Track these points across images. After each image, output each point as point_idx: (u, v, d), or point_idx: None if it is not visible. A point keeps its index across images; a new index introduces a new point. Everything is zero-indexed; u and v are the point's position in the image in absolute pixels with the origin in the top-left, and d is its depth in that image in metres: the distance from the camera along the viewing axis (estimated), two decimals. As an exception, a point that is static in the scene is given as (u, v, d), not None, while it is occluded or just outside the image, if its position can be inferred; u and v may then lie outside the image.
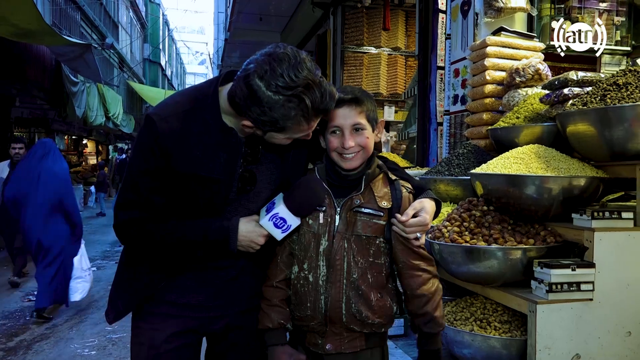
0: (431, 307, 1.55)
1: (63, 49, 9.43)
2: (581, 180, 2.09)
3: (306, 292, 1.56)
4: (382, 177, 1.62)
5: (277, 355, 1.59)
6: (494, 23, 3.15)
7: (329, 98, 1.41)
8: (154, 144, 1.43)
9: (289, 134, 1.43)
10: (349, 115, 1.54)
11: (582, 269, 1.93)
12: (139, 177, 1.47)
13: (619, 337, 1.98)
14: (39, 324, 4.83)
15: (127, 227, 1.50)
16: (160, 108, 1.53)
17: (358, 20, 7.82)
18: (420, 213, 1.53)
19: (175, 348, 1.60)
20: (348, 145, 1.53)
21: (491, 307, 2.16)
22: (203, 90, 1.55)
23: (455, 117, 3.48)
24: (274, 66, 1.35)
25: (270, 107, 1.35)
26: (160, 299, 1.60)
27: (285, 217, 1.49)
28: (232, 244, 1.49)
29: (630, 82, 2.04)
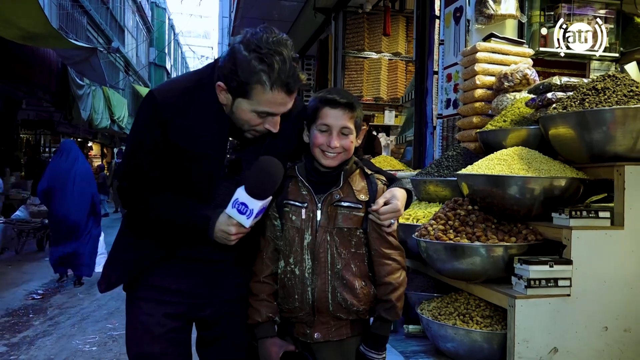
0: (395, 296, 1.67)
1: (69, 52, 9.59)
2: (561, 181, 2.17)
3: (293, 285, 1.66)
4: (359, 172, 1.72)
5: (267, 347, 1.68)
6: (485, 29, 3.24)
7: (295, 78, 1.52)
8: (153, 115, 1.54)
9: (254, 104, 1.51)
10: (341, 117, 1.64)
11: (559, 265, 2.01)
12: (137, 148, 1.58)
13: (596, 332, 2.05)
14: (41, 322, 4.94)
15: (127, 193, 1.62)
16: (161, 85, 1.68)
17: (359, 26, 7.93)
18: (391, 200, 1.65)
19: (167, 331, 1.69)
20: (334, 145, 1.63)
21: (474, 303, 2.24)
22: (202, 72, 1.69)
23: (447, 120, 3.56)
24: (257, 32, 1.52)
25: (242, 64, 1.48)
26: (152, 285, 1.69)
27: (245, 201, 1.52)
28: (209, 233, 1.58)
29: (609, 87, 2.12)
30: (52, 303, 5.64)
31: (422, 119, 4.74)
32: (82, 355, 4.04)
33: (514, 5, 3.26)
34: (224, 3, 18.32)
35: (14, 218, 8.66)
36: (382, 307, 1.71)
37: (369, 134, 7.26)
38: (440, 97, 3.71)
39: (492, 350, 2.10)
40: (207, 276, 1.71)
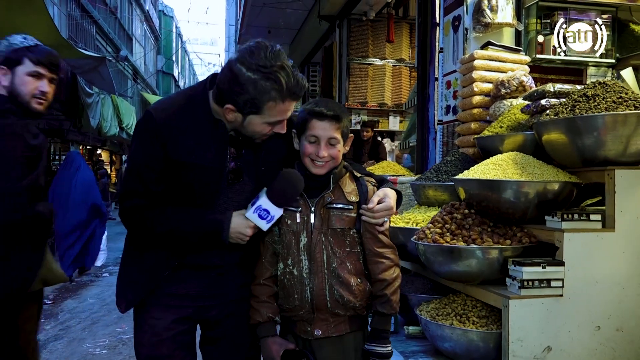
0: (389, 291, 1.76)
1: (78, 61, 9.76)
2: (554, 185, 2.24)
3: (293, 285, 1.74)
4: (349, 176, 1.82)
5: (268, 345, 1.77)
6: (482, 37, 3.33)
7: (300, 85, 1.61)
8: (152, 134, 1.62)
9: (266, 117, 1.60)
10: (328, 129, 1.72)
11: (552, 266, 2.07)
12: (139, 167, 1.65)
13: (589, 331, 2.11)
14: (52, 326, 5.05)
15: (131, 213, 1.68)
16: (158, 104, 1.74)
17: (363, 33, 8.04)
18: (384, 199, 1.75)
19: (175, 334, 1.78)
20: (322, 155, 1.72)
21: (471, 304, 2.31)
22: (195, 89, 1.77)
23: (447, 126, 3.64)
24: (253, 51, 1.57)
25: (249, 85, 1.55)
26: (161, 292, 1.78)
27: (268, 208, 1.67)
28: (224, 235, 1.67)
29: (599, 94, 2.19)
30: (63, 308, 5.75)
31: (424, 124, 4.81)
32: (93, 358, 4.14)
33: (510, 14, 3.35)
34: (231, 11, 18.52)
35: (25, 225, 8.80)
36: (378, 302, 1.81)
37: (373, 140, 7.34)
38: (440, 104, 3.79)
39: (488, 350, 2.17)
40: (212, 280, 1.80)
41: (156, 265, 1.75)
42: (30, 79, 2.14)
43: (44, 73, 2.17)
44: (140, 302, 1.79)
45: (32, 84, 2.14)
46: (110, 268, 8.20)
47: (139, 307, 1.81)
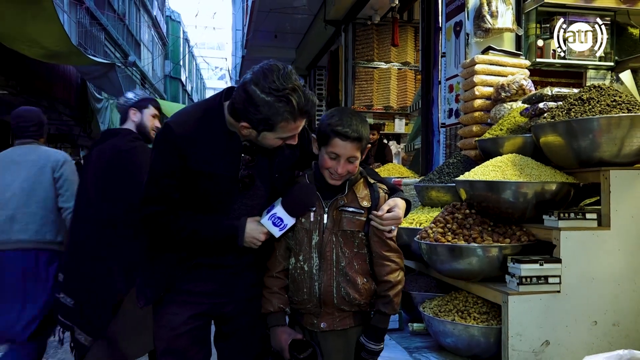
0: (392, 293, 1.86)
1: (88, 68, 9.93)
2: (552, 185, 2.32)
3: (303, 280, 1.85)
4: (363, 181, 1.91)
5: (278, 334, 1.87)
6: (483, 42, 3.41)
7: (310, 103, 1.70)
8: (171, 145, 1.72)
9: (279, 134, 1.70)
10: (350, 149, 1.79)
11: (549, 264, 2.16)
12: (160, 176, 1.75)
13: (586, 326, 2.19)
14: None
15: (151, 219, 1.79)
16: (176, 116, 1.84)
17: (368, 37, 8.13)
18: (394, 209, 1.83)
19: (191, 329, 1.88)
20: (340, 172, 1.81)
21: (472, 300, 2.39)
22: (210, 102, 1.86)
23: (450, 129, 3.73)
24: (266, 74, 1.65)
25: (263, 107, 1.64)
26: (179, 289, 1.88)
27: (282, 217, 1.78)
28: (239, 240, 1.78)
29: (593, 97, 2.28)
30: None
31: (428, 127, 4.91)
32: None
33: (510, 19, 3.43)
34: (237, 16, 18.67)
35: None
36: (381, 302, 1.89)
37: (379, 142, 7.43)
38: (443, 107, 3.88)
39: (488, 344, 2.25)
40: (226, 278, 1.90)
41: (174, 266, 1.85)
42: (152, 118, 2.99)
43: (158, 114, 3.05)
44: (158, 299, 1.89)
45: (152, 122, 2.99)
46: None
47: (157, 304, 1.90)
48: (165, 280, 1.86)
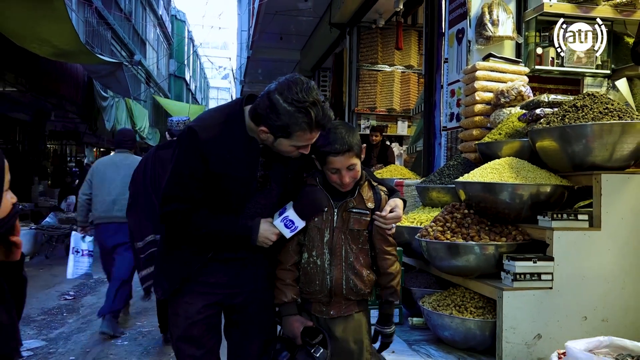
0: (395, 283, 2.06)
1: (96, 66, 10.06)
2: (546, 188, 2.45)
3: (315, 273, 2.01)
4: (367, 184, 2.06)
5: (291, 322, 2.01)
6: (485, 49, 3.53)
7: (327, 118, 1.85)
8: (195, 149, 1.86)
9: (294, 142, 1.84)
10: (345, 160, 1.94)
11: (542, 261, 2.28)
12: (184, 177, 1.88)
13: (576, 321, 2.32)
14: (75, 320, 5.30)
15: (172, 216, 1.91)
16: (200, 121, 1.97)
17: (373, 40, 8.25)
18: (395, 209, 2.00)
19: (205, 317, 2.01)
20: (345, 182, 1.97)
21: (469, 295, 2.52)
22: (231, 108, 2.00)
23: (451, 132, 3.85)
24: (290, 86, 1.80)
25: (284, 115, 1.78)
26: (194, 280, 2.01)
27: (294, 219, 1.93)
28: (253, 239, 1.92)
29: (587, 105, 2.40)
30: (84, 303, 5.99)
31: (430, 130, 5.02)
32: (115, 348, 4.37)
33: (510, 27, 3.56)
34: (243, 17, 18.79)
35: (44, 224, 9.08)
36: (387, 292, 2.09)
37: (382, 144, 7.55)
38: (444, 111, 4.00)
39: (484, 337, 2.38)
40: (238, 270, 2.03)
41: (190, 259, 1.98)
42: None
43: None
44: (175, 290, 2.02)
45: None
46: (126, 267, 8.47)
47: (174, 294, 2.03)
48: (181, 272, 1.98)
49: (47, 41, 7.17)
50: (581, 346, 1.55)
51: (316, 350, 1.93)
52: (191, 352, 1.99)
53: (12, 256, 1.39)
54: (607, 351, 1.63)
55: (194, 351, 1.99)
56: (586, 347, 1.57)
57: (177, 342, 2.02)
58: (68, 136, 15.80)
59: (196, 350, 1.99)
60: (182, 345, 2.00)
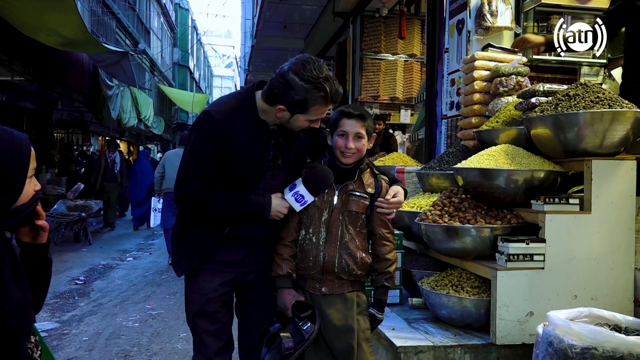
0: (392, 268, 2.19)
1: (102, 55, 10.17)
2: (540, 173, 2.56)
3: (310, 250, 2.14)
4: (369, 171, 2.20)
5: (284, 295, 2.16)
6: (484, 40, 3.63)
7: (338, 93, 2.03)
8: (213, 132, 2.00)
9: (310, 116, 2.01)
10: (355, 125, 2.12)
11: (534, 243, 2.40)
12: (200, 157, 2.02)
13: (567, 300, 2.44)
14: (86, 303, 5.47)
15: (189, 196, 2.05)
16: (215, 105, 2.13)
17: (376, 29, 8.31)
18: (397, 195, 2.14)
19: (220, 295, 2.16)
20: (349, 147, 2.11)
21: (465, 276, 2.64)
22: (244, 93, 2.16)
23: (451, 121, 3.96)
24: (304, 65, 1.97)
25: (301, 92, 1.95)
26: (210, 260, 2.15)
27: (304, 194, 2.08)
28: (266, 213, 2.07)
29: (579, 94, 2.51)
30: (94, 287, 6.17)
31: (432, 118, 5.12)
32: (127, 329, 4.54)
33: (509, 18, 3.65)
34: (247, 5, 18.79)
35: (53, 212, 9.26)
36: (383, 277, 2.20)
37: (385, 132, 7.64)
38: (445, 100, 4.10)
39: (479, 315, 2.51)
40: (250, 249, 2.18)
41: (206, 238, 2.12)
42: None
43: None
44: (192, 269, 2.16)
45: None
46: (134, 253, 8.64)
47: (190, 273, 2.17)
48: (198, 251, 2.12)
49: (54, 31, 7.28)
50: (562, 315, 1.68)
51: (304, 324, 2.06)
52: (207, 327, 2.14)
53: (39, 238, 1.47)
54: (587, 320, 1.76)
55: (210, 326, 2.14)
56: (567, 317, 1.70)
57: (194, 318, 2.16)
58: (74, 125, 15.95)
59: (211, 326, 2.14)
60: (198, 321, 2.15)
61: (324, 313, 2.13)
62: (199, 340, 2.15)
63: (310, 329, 2.05)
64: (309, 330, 2.05)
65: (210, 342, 2.13)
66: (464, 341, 2.42)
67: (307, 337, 2.04)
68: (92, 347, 4.11)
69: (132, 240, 10.05)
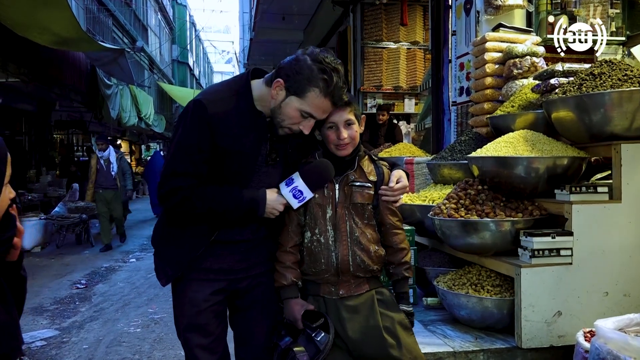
0: (408, 257, 2.03)
1: (98, 54, 9.99)
2: (563, 160, 2.35)
3: (320, 252, 1.96)
4: (367, 158, 2.02)
5: (291, 306, 1.96)
6: (494, 20, 3.41)
7: (341, 96, 1.84)
8: (204, 123, 1.79)
9: (303, 105, 1.80)
10: (342, 113, 1.93)
11: (561, 237, 2.21)
12: (189, 150, 1.81)
13: (597, 297, 2.24)
14: (88, 309, 5.31)
15: (174, 193, 1.83)
16: (207, 94, 1.91)
17: (377, 17, 8.10)
18: (400, 179, 1.99)
19: (211, 305, 1.95)
20: (343, 137, 1.93)
21: (485, 274, 2.45)
22: (238, 82, 1.94)
23: (461, 107, 3.75)
24: (321, 52, 1.82)
25: (306, 69, 1.78)
26: (198, 268, 1.94)
27: (302, 190, 1.88)
28: (260, 210, 1.86)
29: (604, 72, 2.30)
30: (96, 291, 6.01)
31: (439, 106, 4.92)
32: (128, 336, 4.37)
33: (521, -5, 3.43)
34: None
35: (54, 214, 9.11)
36: (402, 268, 2.05)
37: (389, 123, 7.44)
38: (454, 85, 3.89)
39: (502, 316, 2.32)
40: (242, 254, 1.97)
41: (193, 242, 1.91)
42: None
43: None
44: (179, 278, 1.95)
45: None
46: (137, 254, 8.48)
47: (178, 282, 1.97)
48: (185, 256, 1.92)
49: (47, 29, 7.10)
50: (611, 325, 1.48)
51: (317, 334, 1.86)
52: (199, 341, 1.94)
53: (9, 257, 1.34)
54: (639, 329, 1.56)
55: (202, 340, 1.94)
56: (616, 326, 1.50)
57: (185, 332, 1.97)
58: (74, 125, 15.80)
59: (204, 339, 1.95)
60: (189, 335, 1.95)
61: (342, 318, 1.95)
62: (191, 355, 1.95)
63: (324, 339, 1.86)
64: (324, 341, 1.86)
65: (203, 357, 1.94)
66: (486, 345, 2.23)
67: (322, 348, 1.85)
68: (92, 356, 3.94)
69: (135, 241, 9.90)
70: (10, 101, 11.04)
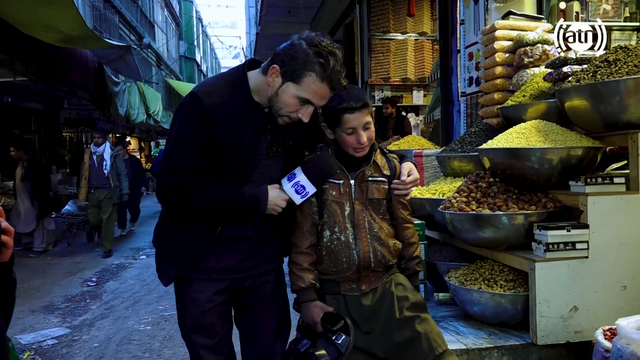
0: (418, 251, 2.03)
1: (105, 51, 9.96)
2: (577, 151, 2.28)
3: (340, 250, 1.93)
4: (379, 152, 1.97)
5: (310, 309, 1.91)
6: (503, 7, 3.33)
7: (339, 80, 1.76)
8: (199, 115, 1.74)
9: (300, 90, 1.73)
10: (361, 117, 1.88)
11: (576, 230, 2.14)
12: (186, 143, 1.76)
13: (615, 291, 2.18)
14: (98, 306, 5.31)
15: (173, 189, 1.78)
16: (202, 86, 1.86)
17: (383, 8, 7.99)
18: (411, 172, 1.97)
19: (215, 305, 1.91)
20: (363, 141, 1.89)
21: (498, 268, 2.39)
22: (234, 74, 1.89)
23: (470, 98, 3.67)
24: (317, 35, 1.76)
25: (302, 53, 1.71)
26: (200, 267, 1.89)
27: (305, 185, 1.83)
28: (262, 207, 1.81)
29: (620, 59, 2.22)
30: (106, 289, 6.01)
31: (448, 97, 4.84)
32: (138, 333, 4.36)
33: (531, -18, 3.34)
34: (250, -8, 18.47)
35: (64, 212, 9.13)
36: (413, 262, 2.05)
37: (398, 115, 7.36)
38: (463, 76, 3.81)
39: (516, 311, 2.26)
40: (246, 252, 1.92)
41: (194, 240, 1.86)
42: None
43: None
44: (181, 278, 1.91)
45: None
46: (147, 251, 8.49)
47: (180, 283, 1.93)
48: (187, 255, 1.87)
49: (52, 27, 7.07)
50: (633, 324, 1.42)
51: (337, 337, 1.82)
52: (204, 342, 1.90)
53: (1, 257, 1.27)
54: (662, 328, 1.49)
55: (207, 341, 1.90)
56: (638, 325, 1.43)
57: (188, 333, 1.92)
58: (83, 123, 15.82)
59: (209, 340, 1.90)
60: (193, 336, 1.91)
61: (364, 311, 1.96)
62: (197, 356, 1.91)
63: (345, 342, 1.83)
64: (345, 344, 1.83)
65: (209, 358, 1.90)
66: (500, 342, 2.17)
67: (343, 351, 1.82)
68: (102, 355, 3.93)
69: (146, 237, 9.91)
70: (18, 100, 11.07)
